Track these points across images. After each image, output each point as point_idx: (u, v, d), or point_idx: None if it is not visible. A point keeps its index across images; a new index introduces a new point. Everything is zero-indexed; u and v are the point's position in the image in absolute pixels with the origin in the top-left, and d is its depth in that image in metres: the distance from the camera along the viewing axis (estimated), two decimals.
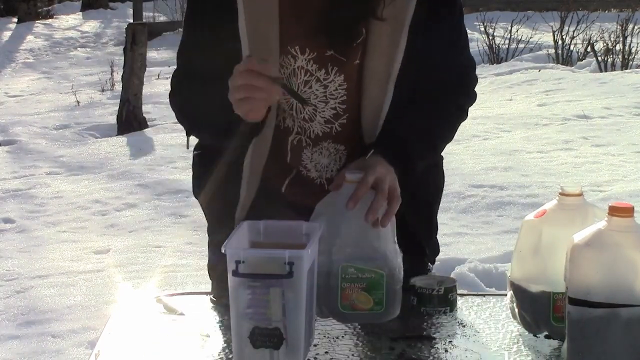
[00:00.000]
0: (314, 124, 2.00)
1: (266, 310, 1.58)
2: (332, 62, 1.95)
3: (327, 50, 1.94)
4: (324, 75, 1.96)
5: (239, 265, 1.58)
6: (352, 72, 1.96)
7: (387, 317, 1.78)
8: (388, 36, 1.92)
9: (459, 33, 2.03)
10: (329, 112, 1.99)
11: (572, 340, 1.58)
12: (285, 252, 1.57)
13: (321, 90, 1.97)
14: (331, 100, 1.98)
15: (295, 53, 1.95)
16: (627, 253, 1.53)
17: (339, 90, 1.98)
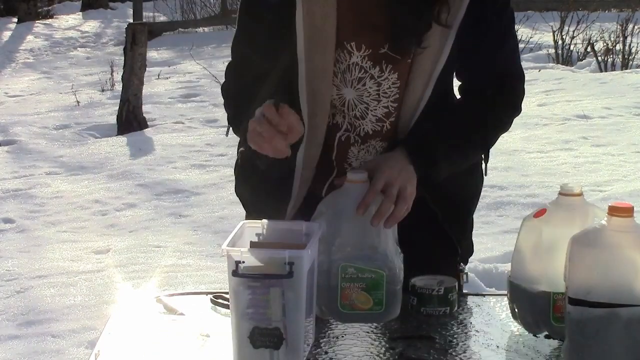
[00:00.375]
0: (364, 121, 1.99)
1: (266, 310, 1.59)
2: (387, 59, 1.94)
3: (382, 47, 1.92)
4: (378, 73, 1.95)
5: (239, 265, 1.58)
6: (405, 70, 1.95)
7: (387, 317, 1.78)
8: (438, 36, 1.90)
9: (507, 38, 1.99)
10: (381, 111, 1.98)
11: (572, 340, 1.58)
12: (285, 252, 1.58)
13: (374, 88, 1.96)
14: (384, 98, 1.97)
15: (351, 49, 1.94)
16: (627, 253, 1.53)
17: (392, 89, 1.96)
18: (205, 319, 1.86)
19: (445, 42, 1.91)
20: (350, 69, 1.95)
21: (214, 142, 7.13)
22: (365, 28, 1.92)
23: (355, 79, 1.96)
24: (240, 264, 1.58)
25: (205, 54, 12.60)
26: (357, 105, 1.98)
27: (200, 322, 1.83)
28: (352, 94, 1.97)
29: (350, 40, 1.93)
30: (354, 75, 1.95)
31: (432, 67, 1.92)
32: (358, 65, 1.95)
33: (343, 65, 1.95)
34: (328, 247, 1.76)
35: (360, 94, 1.97)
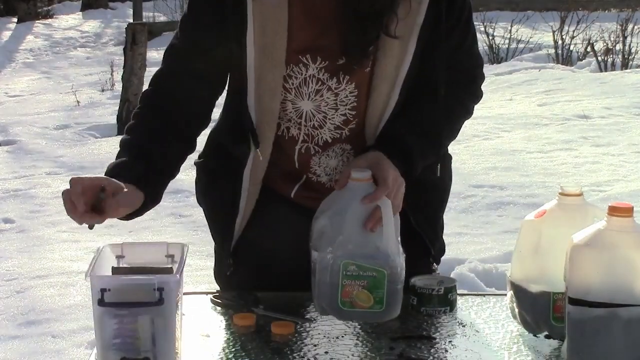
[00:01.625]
0: (323, 130, 2.00)
1: (134, 340, 1.53)
2: (344, 70, 1.94)
3: (339, 59, 1.93)
4: (336, 84, 1.96)
5: (104, 293, 1.51)
6: (363, 79, 1.96)
7: (388, 316, 1.78)
8: (398, 43, 1.91)
9: (466, 34, 2.03)
10: (339, 119, 1.99)
11: (572, 340, 1.58)
12: (154, 278, 1.52)
13: (332, 98, 1.97)
14: (341, 107, 1.98)
15: (307, 62, 1.94)
16: (627, 253, 1.53)
17: (349, 97, 1.97)
18: (205, 319, 1.86)
19: (406, 48, 1.92)
20: (307, 82, 1.95)
21: None
22: (319, 41, 1.93)
23: (312, 91, 1.96)
24: (105, 292, 1.51)
25: None
26: (314, 115, 1.99)
27: (200, 322, 1.83)
28: (310, 106, 1.98)
29: (305, 53, 1.93)
30: (310, 88, 1.96)
31: (395, 73, 1.94)
32: (315, 77, 1.95)
33: (298, 79, 1.95)
34: (330, 243, 1.75)
35: (318, 104, 1.98)
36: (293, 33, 1.91)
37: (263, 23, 1.89)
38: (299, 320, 1.83)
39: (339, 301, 1.75)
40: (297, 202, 2.05)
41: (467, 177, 5.66)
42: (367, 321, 1.79)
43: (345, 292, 1.75)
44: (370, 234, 1.75)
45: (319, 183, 2.04)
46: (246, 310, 1.85)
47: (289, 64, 1.93)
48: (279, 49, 1.91)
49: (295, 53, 1.93)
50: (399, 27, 1.89)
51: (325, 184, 2.04)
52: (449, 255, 4.24)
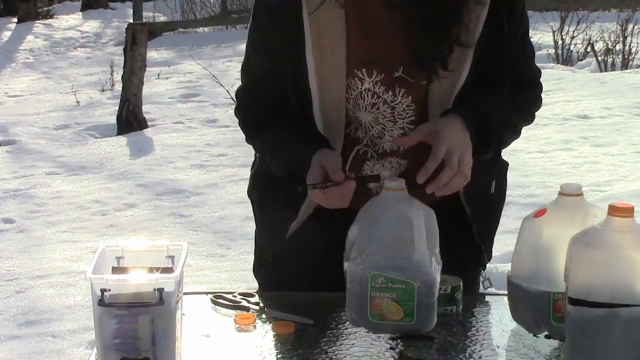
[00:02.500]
0: (382, 140, 1.99)
1: (134, 340, 1.52)
2: (400, 83, 1.93)
3: (395, 72, 1.92)
4: (391, 97, 1.94)
5: (104, 293, 1.51)
6: (419, 93, 1.94)
7: (420, 330, 1.75)
8: (456, 55, 1.88)
9: (526, 45, 2.02)
10: (397, 132, 1.98)
11: (572, 340, 1.58)
12: (154, 278, 1.52)
13: (389, 112, 1.96)
14: (399, 120, 1.97)
15: (363, 76, 1.92)
16: (627, 253, 1.53)
17: (407, 111, 1.96)
18: (205, 319, 1.86)
19: (464, 61, 1.90)
20: (363, 96, 1.94)
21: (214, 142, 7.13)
22: (376, 55, 1.91)
23: (368, 104, 1.95)
24: (105, 292, 1.51)
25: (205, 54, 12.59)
26: (373, 126, 1.98)
27: (200, 322, 1.83)
28: (368, 117, 1.97)
29: (360, 68, 1.92)
30: (367, 101, 1.95)
31: (451, 87, 1.92)
32: (370, 91, 1.94)
33: (355, 92, 1.94)
34: (359, 254, 1.74)
35: (376, 117, 1.97)
36: (350, 45, 1.89)
37: (320, 38, 1.88)
38: (299, 320, 1.83)
39: (369, 313, 1.74)
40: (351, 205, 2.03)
41: None
42: (398, 334, 1.76)
43: (375, 304, 1.73)
44: (401, 244, 1.72)
45: (366, 187, 2.01)
46: (246, 310, 1.85)
47: (347, 76, 1.92)
48: (338, 62, 1.89)
49: (352, 65, 1.91)
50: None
51: (372, 190, 2.01)
52: None
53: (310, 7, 1.87)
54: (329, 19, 1.88)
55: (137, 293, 1.52)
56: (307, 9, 1.87)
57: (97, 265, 1.59)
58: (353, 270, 1.74)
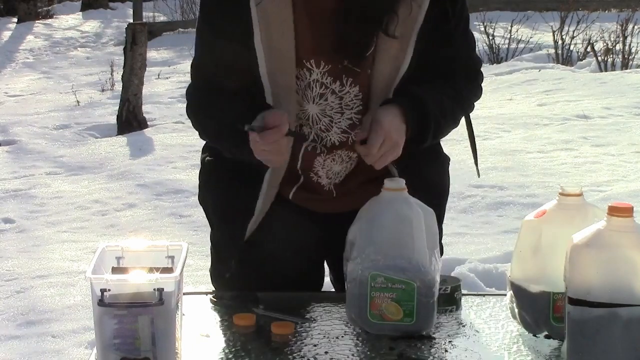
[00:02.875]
0: (330, 133, 2.00)
1: (134, 340, 1.52)
2: (347, 73, 1.95)
3: (341, 62, 1.94)
4: (339, 87, 1.96)
5: (104, 293, 1.51)
6: (365, 82, 1.96)
7: (419, 330, 1.76)
8: (397, 44, 1.92)
9: (467, 37, 2.05)
10: (345, 123, 2.00)
11: (572, 340, 1.58)
12: (154, 278, 1.52)
13: (337, 102, 1.98)
14: (347, 110, 1.98)
15: (311, 66, 1.95)
16: (627, 253, 1.53)
17: (354, 101, 1.98)
18: (205, 319, 1.85)
19: (405, 50, 1.93)
20: (311, 86, 1.96)
21: None
22: (323, 45, 1.93)
23: (316, 95, 1.97)
24: (105, 292, 1.51)
25: None
26: (321, 119, 1.99)
27: (200, 322, 1.83)
28: (315, 109, 1.98)
29: (309, 58, 1.94)
30: (315, 92, 1.96)
31: (393, 74, 1.95)
32: (318, 82, 1.96)
33: (304, 82, 1.96)
34: (359, 254, 1.74)
35: (323, 109, 1.98)
36: (297, 36, 1.91)
37: (269, 27, 1.90)
38: (299, 320, 1.83)
39: (369, 313, 1.74)
40: (296, 203, 2.05)
41: (467, 177, 5.66)
42: (398, 334, 1.76)
43: (374, 304, 1.74)
44: (401, 245, 1.73)
45: (319, 184, 2.03)
46: (246, 310, 1.85)
47: (296, 67, 1.94)
48: (287, 51, 1.91)
49: (299, 56, 1.93)
50: (398, 28, 1.89)
51: (324, 186, 2.04)
52: (449, 255, 4.26)
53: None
54: (277, 9, 1.89)
55: (137, 293, 1.52)
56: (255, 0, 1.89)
57: (97, 265, 1.59)
58: (353, 270, 1.74)
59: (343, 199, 2.05)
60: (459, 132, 2.11)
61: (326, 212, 2.07)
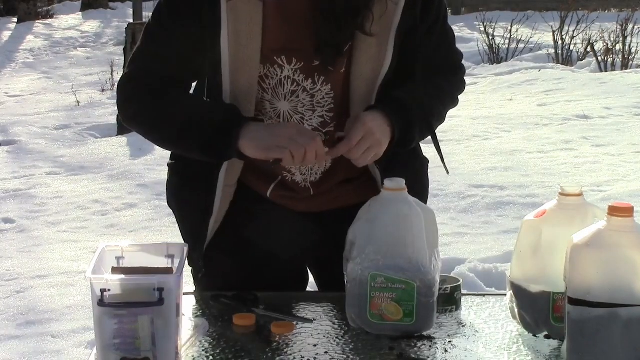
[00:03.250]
0: None
1: (134, 340, 1.52)
2: (319, 71, 1.94)
3: (314, 60, 1.93)
4: (311, 85, 1.96)
5: (104, 293, 1.51)
6: (338, 81, 1.96)
7: (419, 330, 1.76)
8: (375, 44, 1.92)
9: (445, 34, 2.05)
10: (316, 120, 1.99)
11: (572, 340, 1.58)
12: (154, 278, 1.52)
13: (308, 100, 1.97)
14: (318, 108, 1.98)
15: (282, 63, 1.93)
16: (627, 253, 1.53)
17: (326, 99, 1.97)
18: (205, 319, 1.85)
19: (385, 49, 1.92)
20: (283, 83, 1.95)
21: None
22: (294, 42, 1.92)
23: (288, 92, 1.96)
24: (105, 292, 1.51)
25: None
26: (292, 116, 1.98)
27: (200, 322, 1.83)
28: (287, 106, 1.97)
29: (280, 54, 1.93)
30: (286, 89, 1.95)
31: (374, 74, 1.94)
32: (290, 79, 1.95)
33: (274, 80, 1.95)
34: (359, 254, 1.74)
35: (295, 106, 1.97)
36: (268, 33, 1.90)
37: (237, 25, 1.88)
38: (299, 320, 1.83)
39: (369, 313, 1.74)
40: (275, 201, 2.04)
41: (467, 177, 5.66)
42: (397, 334, 1.76)
43: (374, 304, 1.73)
44: (401, 245, 1.73)
45: (294, 182, 2.03)
46: (246, 310, 1.85)
47: (265, 65, 1.93)
48: (253, 51, 1.90)
49: (270, 53, 1.92)
50: (375, 27, 1.89)
51: (300, 184, 2.03)
52: (449, 255, 4.26)
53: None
54: (247, 7, 1.88)
55: (137, 293, 1.52)
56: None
57: (97, 265, 1.59)
58: (353, 270, 1.74)
59: (321, 198, 2.05)
60: (459, 132, 2.11)
61: (305, 212, 2.06)
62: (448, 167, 2.07)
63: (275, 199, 2.04)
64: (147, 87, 1.95)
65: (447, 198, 5.17)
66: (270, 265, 2.01)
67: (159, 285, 1.51)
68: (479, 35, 11.66)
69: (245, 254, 2.02)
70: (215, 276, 2.04)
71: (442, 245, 2.23)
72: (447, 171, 2.08)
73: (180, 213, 2.12)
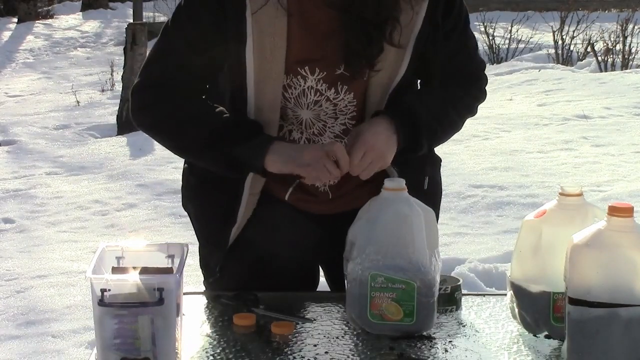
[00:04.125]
0: (323, 137, 2.00)
1: (134, 340, 1.52)
2: (342, 80, 1.94)
3: (337, 69, 1.93)
4: (334, 95, 1.96)
5: (104, 293, 1.51)
6: (361, 88, 1.96)
7: (419, 329, 1.76)
8: (394, 51, 1.91)
9: (466, 39, 2.03)
10: (339, 128, 1.99)
11: (572, 340, 1.58)
12: (154, 278, 1.52)
13: (331, 108, 1.97)
14: (341, 116, 1.98)
15: (305, 74, 1.94)
16: (627, 253, 1.53)
17: (348, 107, 1.97)
18: (205, 319, 1.85)
19: (402, 57, 1.92)
20: (306, 93, 1.95)
21: None
22: (318, 52, 1.92)
23: (311, 102, 1.96)
24: (105, 292, 1.51)
25: None
26: (314, 123, 1.99)
27: (200, 322, 1.83)
28: (309, 114, 1.97)
29: (303, 65, 1.93)
30: (309, 98, 1.95)
31: (388, 82, 1.94)
32: (313, 89, 1.95)
33: (297, 90, 1.95)
34: (359, 254, 1.74)
35: (317, 114, 1.97)
36: (292, 44, 1.90)
37: (261, 37, 1.88)
38: (299, 320, 1.83)
39: (369, 313, 1.74)
40: (293, 204, 2.04)
41: (467, 177, 5.66)
42: (398, 334, 1.76)
43: (374, 304, 1.73)
44: (401, 245, 1.73)
45: (313, 186, 2.03)
46: (246, 310, 1.85)
47: (289, 75, 1.93)
48: (277, 63, 1.90)
49: (294, 64, 1.92)
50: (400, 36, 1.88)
51: (319, 188, 2.04)
52: (449, 255, 4.26)
53: (253, 7, 1.87)
54: (271, 19, 1.88)
55: (137, 293, 1.52)
56: (251, 9, 1.87)
57: (97, 265, 1.59)
58: (353, 270, 1.74)
59: (338, 201, 2.05)
60: (459, 132, 2.11)
61: (322, 214, 2.06)
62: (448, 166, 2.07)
63: (293, 202, 2.04)
64: (166, 95, 1.95)
65: (447, 198, 5.16)
66: (281, 266, 2.01)
67: (159, 285, 1.51)
68: (479, 35, 11.66)
69: (255, 255, 2.02)
70: (227, 278, 2.04)
71: (442, 245, 2.22)
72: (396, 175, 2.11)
73: (199, 218, 2.11)
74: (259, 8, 1.87)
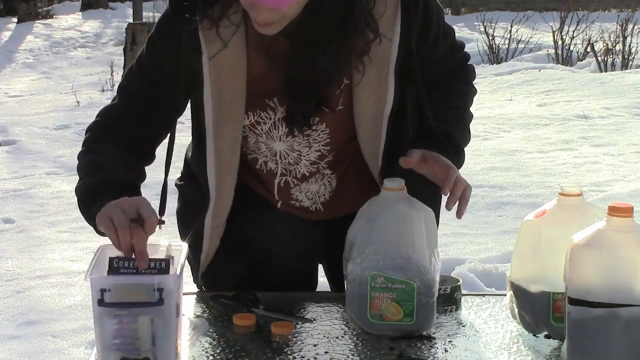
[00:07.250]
0: (299, 166, 1.99)
1: (134, 340, 1.53)
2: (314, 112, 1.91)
3: None
4: None
5: (104, 293, 1.51)
6: (334, 119, 1.93)
7: (419, 330, 1.76)
8: (374, 79, 1.88)
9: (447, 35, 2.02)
10: (314, 155, 1.98)
11: (572, 340, 1.58)
12: (154, 279, 1.53)
13: (304, 138, 1.95)
14: (315, 144, 1.97)
15: (274, 105, 1.91)
16: (627, 253, 1.53)
17: (322, 135, 1.95)
18: (205, 319, 1.85)
19: (385, 83, 1.89)
20: (277, 125, 1.93)
21: None
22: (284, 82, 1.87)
23: (282, 134, 1.94)
24: (105, 292, 1.51)
25: None
26: (289, 154, 1.97)
27: (200, 322, 1.83)
28: (282, 146, 1.96)
29: (271, 97, 1.90)
30: (281, 130, 1.93)
31: (377, 109, 1.90)
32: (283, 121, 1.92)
33: (267, 124, 1.93)
34: (359, 254, 1.74)
35: (291, 144, 1.96)
36: (256, 80, 1.88)
37: (220, 80, 1.85)
38: (299, 320, 1.83)
39: (369, 313, 1.74)
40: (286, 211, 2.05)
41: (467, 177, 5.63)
42: (398, 334, 1.76)
43: (374, 304, 1.74)
44: (400, 245, 1.73)
45: (303, 207, 2.04)
46: (246, 310, 1.85)
47: (255, 111, 1.91)
48: (237, 105, 1.88)
49: (260, 97, 1.89)
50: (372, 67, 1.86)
51: (309, 207, 2.04)
52: (449, 255, 4.26)
53: (210, 52, 1.84)
54: (231, 62, 1.84)
55: (137, 293, 1.52)
56: (208, 53, 1.84)
57: (96, 265, 1.59)
58: (353, 270, 1.74)
59: (331, 211, 2.06)
60: None
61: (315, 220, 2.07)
62: None
63: (288, 210, 2.04)
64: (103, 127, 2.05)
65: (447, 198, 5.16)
66: (281, 266, 2.01)
67: (159, 285, 1.52)
68: (479, 36, 11.66)
69: (251, 255, 2.02)
70: (222, 278, 2.05)
71: (442, 245, 2.22)
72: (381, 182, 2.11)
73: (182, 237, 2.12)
74: (217, 52, 1.83)
